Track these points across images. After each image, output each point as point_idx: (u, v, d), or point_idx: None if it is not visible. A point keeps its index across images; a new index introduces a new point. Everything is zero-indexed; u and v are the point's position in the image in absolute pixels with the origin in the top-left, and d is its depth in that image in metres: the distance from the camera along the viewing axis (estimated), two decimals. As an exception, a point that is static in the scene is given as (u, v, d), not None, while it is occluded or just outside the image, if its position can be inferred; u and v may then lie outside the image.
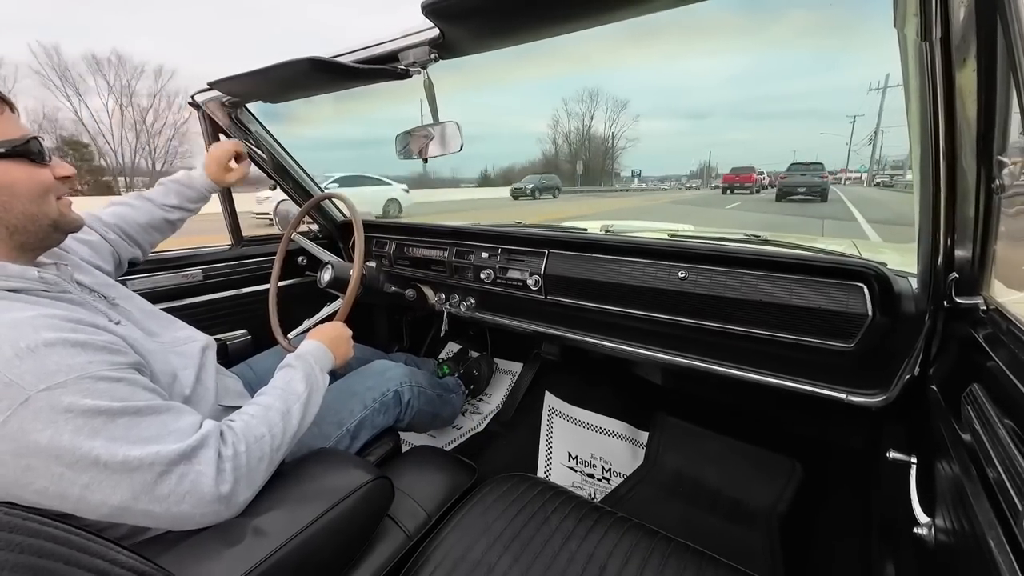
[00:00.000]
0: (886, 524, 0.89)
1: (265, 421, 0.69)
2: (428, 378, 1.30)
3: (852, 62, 40.33)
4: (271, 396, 0.75)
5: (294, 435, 0.74)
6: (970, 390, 0.54)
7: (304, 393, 0.78)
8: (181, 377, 0.74)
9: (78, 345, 0.55)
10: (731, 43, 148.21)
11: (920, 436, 0.73)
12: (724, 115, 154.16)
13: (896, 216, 10.09)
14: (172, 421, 0.59)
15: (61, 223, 0.67)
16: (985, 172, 0.56)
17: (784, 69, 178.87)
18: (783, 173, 21.28)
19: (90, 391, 0.53)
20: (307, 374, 0.81)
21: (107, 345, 0.59)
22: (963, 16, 0.51)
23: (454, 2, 0.64)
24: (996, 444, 0.44)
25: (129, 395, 0.57)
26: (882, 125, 37.15)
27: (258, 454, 0.65)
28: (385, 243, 1.59)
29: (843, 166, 56.99)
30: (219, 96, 1.22)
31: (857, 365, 0.86)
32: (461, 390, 1.55)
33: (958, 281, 0.65)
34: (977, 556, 0.42)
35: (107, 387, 0.55)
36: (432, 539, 0.78)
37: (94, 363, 0.55)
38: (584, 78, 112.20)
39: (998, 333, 0.56)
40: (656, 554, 0.74)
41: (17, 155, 0.61)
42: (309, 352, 0.87)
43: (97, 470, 0.52)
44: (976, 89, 0.53)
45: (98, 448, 0.51)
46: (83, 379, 0.53)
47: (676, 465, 1.39)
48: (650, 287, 1.04)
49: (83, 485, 0.52)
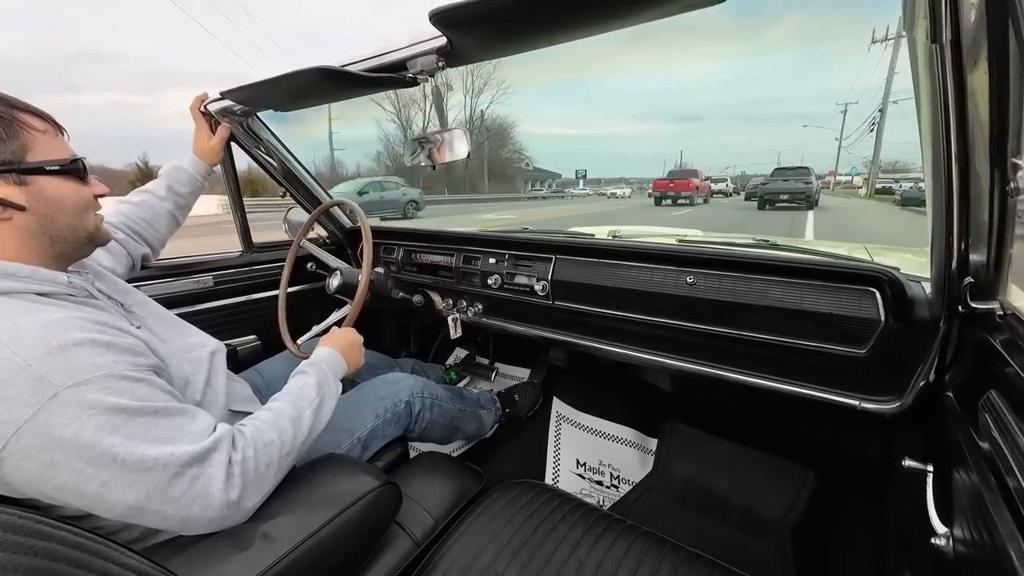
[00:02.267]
0: (902, 534, 0.87)
1: (275, 427, 0.70)
2: (449, 392, 1.29)
3: (843, 66, 38.95)
4: (283, 402, 0.76)
5: (304, 441, 0.74)
6: (988, 397, 0.53)
7: (316, 399, 0.78)
8: (193, 382, 0.76)
9: (104, 345, 0.58)
10: (726, 47, 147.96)
11: (936, 444, 0.72)
12: (716, 118, 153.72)
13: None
14: (187, 423, 0.61)
15: (96, 236, 0.73)
16: (999, 175, 0.55)
17: (775, 73, 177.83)
18: (762, 178, 19.59)
19: (114, 389, 0.55)
20: (320, 381, 0.82)
21: (131, 347, 0.62)
22: (974, 18, 0.50)
23: (462, 11, 0.65)
24: (1016, 452, 0.43)
25: (149, 395, 0.59)
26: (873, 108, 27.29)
27: (267, 459, 0.66)
28: (393, 249, 1.61)
29: (832, 167, 47.91)
30: (231, 105, 1.25)
31: (870, 371, 0.85)
32: (495, 408, 1.52)
33: (973, 286, 0.64)
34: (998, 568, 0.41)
35: (129, 386, 0.57)
36: (439, 546, 0.78)
37: (119, 363, 0.58)
38: (579, 82, 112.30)
39: (1016, 339, 0.55)
40: (666, 563, 0.73)
41: (67, 173, 0.67)
42: (323, 359, 0.88)
43: (115, 467, 0.53)
44: (988, 91, 0.52)
45: (117, 445, 0.53)
46: (108, 377, 0.55)
47: (686, 472, 1.37)
48: (658, 292, 1.04)
49: (101, 482, 0.53)
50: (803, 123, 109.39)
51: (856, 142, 40.85)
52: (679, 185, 18.86)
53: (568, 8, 0.65)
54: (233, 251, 1.53)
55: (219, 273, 1.45)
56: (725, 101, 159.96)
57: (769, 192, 15.86)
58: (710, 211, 16.45)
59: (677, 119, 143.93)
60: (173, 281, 1.34)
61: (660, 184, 19.80)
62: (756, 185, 24.28)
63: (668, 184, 19.25)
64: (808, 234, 8.30)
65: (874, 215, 13.74)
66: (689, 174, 19.78)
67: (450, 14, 0.65)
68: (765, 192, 16.05)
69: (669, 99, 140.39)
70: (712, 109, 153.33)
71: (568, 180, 56.97)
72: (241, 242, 1.53)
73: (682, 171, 20.84)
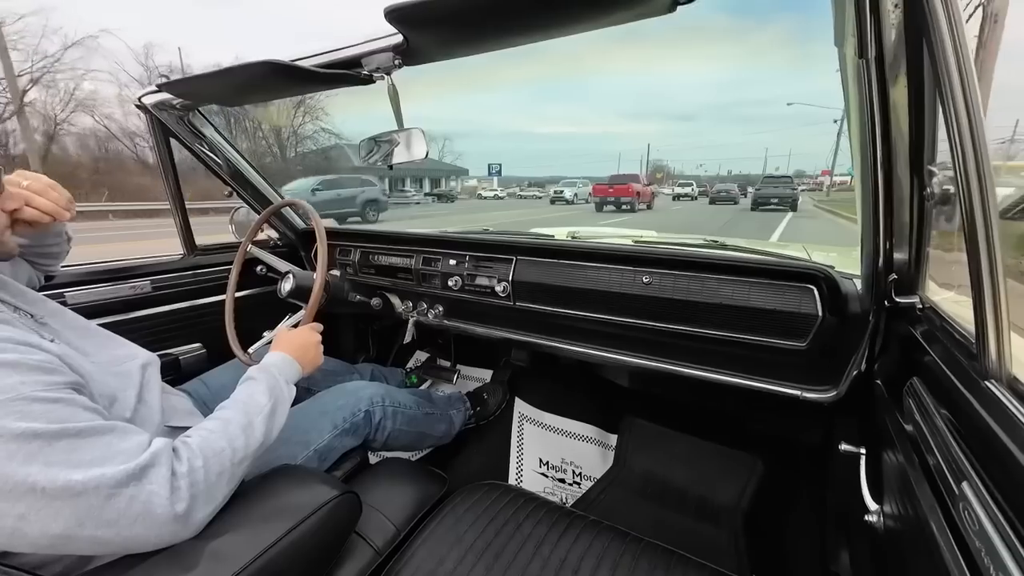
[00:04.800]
0: (840, 514, 0.94)
1: (225, 435, 0.66)
2: (414, 396, 1.25)
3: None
4: (231, 410, 0.72)
5: (258, 449, 0.70)
6: (911, 383, 0.58)
7: (268, 405, 0.75)
8: (121, 399, 0.70)
9: (8, 365, 0.52)
10: (720, 49, 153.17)
11: (868, 428, 0.78)
12: (710, 119, 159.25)
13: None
14: (117, 441, 0.56)
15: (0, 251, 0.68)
16: (918, 181, 0.60)
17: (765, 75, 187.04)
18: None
19: (24, 413, 0.50)
20: (271, 386, 0.78)
21: (41, 364, 0.56)
22: (894, 37, 0.55)
23: (418, 9, 0.64)
24: (935, 433, 0.47)
25: (68, 416, 0.53)
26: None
27: (217, 468, 0.62)
28: (349, 251, 1.56)
29: (825, 167, 41.79)
30: (169, 99, 1.17)
31: (810, 363, 0.90)
32: (465, 408, 1.49)
33: (897, 282, 0.70)
34: (921, 538, 0.45)
35: (43, 409, 0.51)
36: (402, 554, 0.76)
37: (27, 384, 0.52)
38: (572, 80, 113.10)
39: (933, 330, 0.60)
40: (627, 555, 0.75)
41: None
42: (273, 364, 0.84)
43: (34, 497, 0.48)
44: (908, 104, 0.57)
45: (35, 474, 0.48)
46: (15, 401, 0.50)
47: (645, 466, 1.41)
48: (616, 292, 1.07)
49: (18, 516, 0.48)
50: (788, 102, 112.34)
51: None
52: (618, 190, 17.91)
53: (526, 11, 0.66)
54: (174, 254, 1.43)
55: (159, 278, 1.35)
56: (717, 101, 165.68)
57: (760, 196, 17.92)
58: (653, 218, 15.82)
59: (673, 118, 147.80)
60: (104, 287, 1.24)
61: (599, 189, 18.76)
62: (720, 191, 25.63)
63: (607, 189, 18.28)
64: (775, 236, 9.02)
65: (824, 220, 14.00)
66: (629, 178, 18.78)
67: (406, 12, 0.64)
68: (757, 196, 18.19)
69: (664, 99, 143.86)
70: (704, 109, 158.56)
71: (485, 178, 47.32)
72: (183, 244, 1.44)
73: (622, 175, 19.17)
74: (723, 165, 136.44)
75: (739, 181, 53.53)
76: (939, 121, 0.55)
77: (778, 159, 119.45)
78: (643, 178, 21.18)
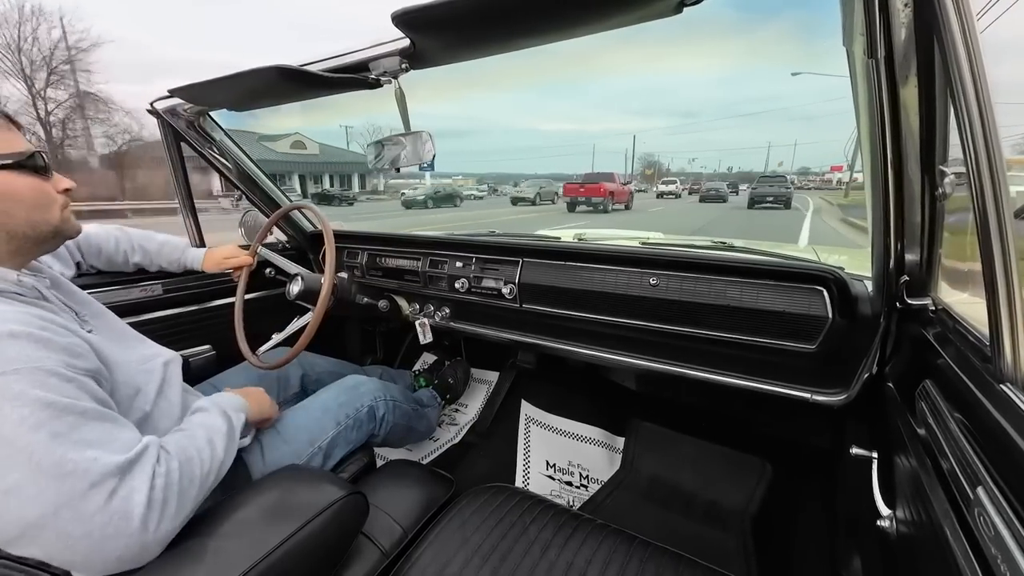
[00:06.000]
0: (851, 518, 0.92)
1: (194, 444, 0.67)
2: (403, 391, 1.27)
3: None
4: (192, 426, 0.72)
5: (220, 466, 0.69)
6: (923, 386, 0.57)
7: (223, 427, 0.74)
8: (144, 391, 0.73)
9: (40, 341, 0.57)
10: (723, 45, 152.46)
11: (880, 432, 0.77)
12: (711, 115, 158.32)
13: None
14: (116, 431, 0.58)
15: (63, 229, 0.73)
16: (929, 181, 0.60)
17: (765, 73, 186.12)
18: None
19: (41, 383, 0.53)
20: (223, 412, 0.77)
21: (69, 347, 0.60)
22: (904, 36, 0.55)
23: (425, 13, 0.64)
24: (948, 437, 0.46)
25: (78, 396, 0.56)
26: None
27: (189, 475, 0.62)
28: (357, 254, 1.57)
29: (834, 163, 40.52)
30: (180, 103, 1.19)
31: (820, 366, 0.89)
32: (437, 402, 1.53)
33: (909, 283, 0.69)
34: (935, 544, 0.44)
35: (57, 383, 0.55)
36: (409, 556, 0.76)
37: (50, 359, 0.56)
38: (575, 79, 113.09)
39: (946, 332, 0.59)
40: (634, 559, 0.74)
41: (20, 167, 0.66)
42: (216, 400, 0.81)
43: (28, 468, 0.50)
44: (918, 104, 0.57)
45: (36, 443, 0.50)
46: (36, 371, 0.54)
47: (652, 469, 1.40)
48: (623, 294, 1.06)
49: (4, 490, 0.49)
50: (793, 70, 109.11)
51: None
52: (589, 190, 16.80)
53: (532, 15, 0.66)
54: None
55: (169, 280, 1.37)
56: (720, 98, 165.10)
57: (757, 195, 18.46)
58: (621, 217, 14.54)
59: (677, 115, 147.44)
60: (115, 289, 1.26)
61: (571, 188, 17.57)
62: (709, 189, 25.55)
63: (579, 188, 17.21)
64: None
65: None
66: (603, 177, 17.56)
67: (413, 16, 0.65)
68: (754, 194, 18.65)
69: (666, 97, 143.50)
70: (706, 105, 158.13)
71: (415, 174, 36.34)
72: (193, 246, 1.45)
73: (596, 174, 18.01)
74: (723, 161, 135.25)
75: (737, 179, 52.99)
76: (950, 121, 0.55)
77: (781, 154, 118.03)
78: (620, 177, 19.50)
